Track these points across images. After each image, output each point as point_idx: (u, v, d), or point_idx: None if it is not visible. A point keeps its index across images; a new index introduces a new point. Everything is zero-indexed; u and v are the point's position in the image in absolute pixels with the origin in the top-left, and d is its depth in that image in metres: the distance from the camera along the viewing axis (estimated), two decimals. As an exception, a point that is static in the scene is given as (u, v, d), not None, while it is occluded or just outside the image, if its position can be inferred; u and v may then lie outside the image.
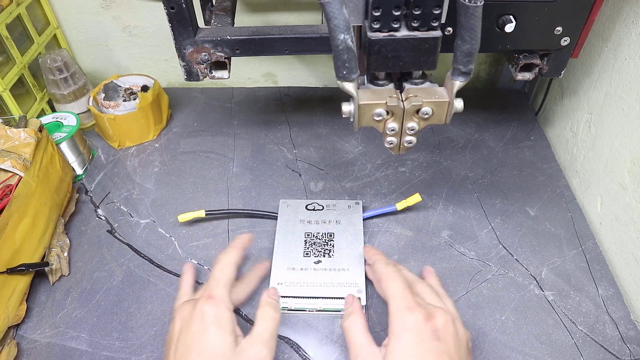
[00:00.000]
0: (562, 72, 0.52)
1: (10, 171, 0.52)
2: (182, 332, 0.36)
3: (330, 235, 0.53)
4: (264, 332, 0.37)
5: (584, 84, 0.64)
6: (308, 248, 0.52)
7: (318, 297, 0.48)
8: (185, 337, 0.36)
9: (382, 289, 0.39)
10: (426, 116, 0.38)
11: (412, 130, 0.39)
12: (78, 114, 0.67)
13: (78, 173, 0.65)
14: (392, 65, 0.36)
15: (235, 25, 0.54)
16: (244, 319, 0.49)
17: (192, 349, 0.35)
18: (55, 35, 0.75)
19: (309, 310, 0.49)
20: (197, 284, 0.50)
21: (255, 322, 0.38)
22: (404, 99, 0.38)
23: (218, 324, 0.36)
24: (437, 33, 0.35)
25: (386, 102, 0.37)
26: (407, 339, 0.34)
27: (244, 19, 0.75)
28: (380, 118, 0.38)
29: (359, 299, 0.46)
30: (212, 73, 0.51)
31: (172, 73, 0.84)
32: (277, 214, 0.57)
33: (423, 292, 0.39)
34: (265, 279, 0.49)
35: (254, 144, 0.70)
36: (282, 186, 0.63)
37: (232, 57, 0.51)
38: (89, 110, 0.69)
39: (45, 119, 0.65)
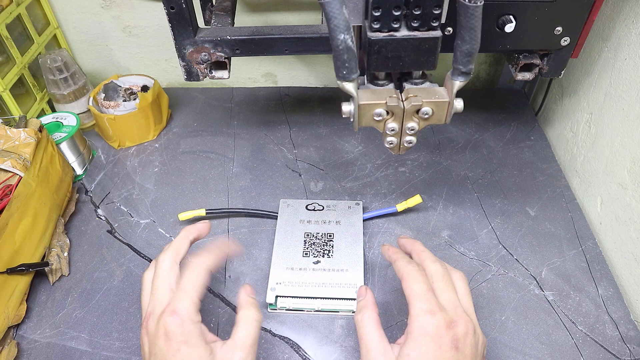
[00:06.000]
0: (562, 72, 0.52)
1: (10, 171, 0.52)
2: (151, 355, 0.34)
3: (330, 236, 0.53)
4: (247, 337, 0.35)
5: (584, 84, 0.63)
6: (307, 248, 0.52)
7: (316, 298, 0.48)
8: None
9: (404, 288, 0.37)
10: (426, 116, 0.38)
11: (412, 130, 0.39)
12: (78, 114, 0.67)
13: (78, 173, 0.65)
14: (392, 65, 0.36)
15: (235, 25, 0.54)
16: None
17: None
18: (55, 35, 0.75)
19: (307, 311, 0.49)
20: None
21: (237, 325, 0.36)
22: (404, 99, 0.38)
23: (188, 343, 0.33)
24: (437, 33, 0.35)
25: (386, 102, 0.37)
26: (426, 344, 0.33)
27: (244, 19, 0.75)
28: (380, 118, 0.38)
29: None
30: (212, 73, 0.51)
31: (172, 73, 0.84)
32: (277, 213, 0.57)
33: (443, 290, 0.36)
34: (230, 255, 0.42)
35: (254, 144, 0.70)
36: (282, 186, 0.63)
37: (232, 57, 0.51)
38: (89, 110, 0.69)
39: (45, 119, 0.65)
